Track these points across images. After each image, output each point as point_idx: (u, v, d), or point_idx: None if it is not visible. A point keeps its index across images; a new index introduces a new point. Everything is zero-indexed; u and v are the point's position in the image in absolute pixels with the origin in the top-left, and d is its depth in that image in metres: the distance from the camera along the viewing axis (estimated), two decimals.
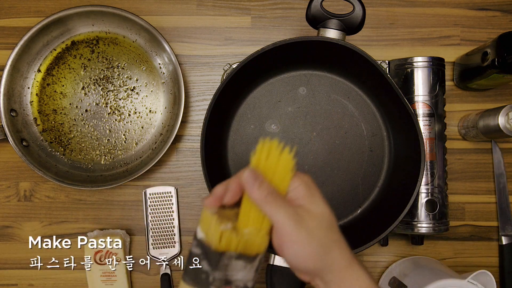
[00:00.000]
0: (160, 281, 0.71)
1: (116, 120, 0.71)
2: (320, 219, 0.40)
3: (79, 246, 0.72)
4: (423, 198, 0.65)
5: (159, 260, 0.71)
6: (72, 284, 0.72)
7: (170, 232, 0.71)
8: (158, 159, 0.66)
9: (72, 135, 0.71)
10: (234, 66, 0.61)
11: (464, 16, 0.73)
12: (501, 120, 0.63)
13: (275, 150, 0.40)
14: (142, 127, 0.71)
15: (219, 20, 0.73)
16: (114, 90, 0.71)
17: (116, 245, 0.69)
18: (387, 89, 0.59)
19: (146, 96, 0.71)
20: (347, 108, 0.65)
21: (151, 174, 0.72)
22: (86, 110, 0.71)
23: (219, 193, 0.41)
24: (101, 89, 0.71)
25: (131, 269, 0.71)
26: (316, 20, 0.59)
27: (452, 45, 0.73)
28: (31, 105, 0.71)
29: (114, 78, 0.71)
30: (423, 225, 0.64)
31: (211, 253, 0.39)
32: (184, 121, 0.73)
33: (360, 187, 0.66)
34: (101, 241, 0.69)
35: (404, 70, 0.66)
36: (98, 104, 0.71)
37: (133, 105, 0.71)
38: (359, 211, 0.65)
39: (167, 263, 0.71)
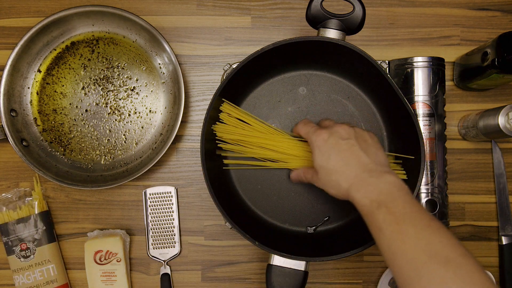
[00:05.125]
0: (160, 281, 0.71)
1: (116, 120, 0.71)
2: (318, 170, 0.53)
3: (79, 246, 0.72)
4: (423, 198, 0.65)
5: (159, 260, 0.71)
6: (72, 284, 0.72)
7: (170, 232, 0.71)
8: (158, 159, 0.66)
9: (72, 135, 0.71)
10: (234, 66, 0.61)
11: (464, 16, 0.73)
12: (501, 120, 0.63)
13: None
14: (142, 127, 0.71)
15: (219, 20, 0.73)
16: (114, 90, 0.71)
17: (116, 245, 0.69)
18: (387, 89, 0.59)
19: (146, 96, 0.71)
20: (347, 108, 0.65)
21: (151, 174, 0.72)
22: (86, 110, 0.71)
23: None
24: (101, 89, 0.71)
25: (131, 269, 0.71)
26: (316, 20, 0.59)
27: (452, 45, 0.73)
28: (31, 105, 0.71)
29: (114, 78, 0.71)
30: None
31: None
32: (184, 121, 0.73)
33: None
34: (101, 241, 0.69)
35: (404, 70, 0.66)
36: (98, 104, 0.71)
37: (133, 105, 0.71)
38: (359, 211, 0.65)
39: (167, 263, 0.71)
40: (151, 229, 0.71)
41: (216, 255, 0.72)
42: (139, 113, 0.71)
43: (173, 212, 0.71)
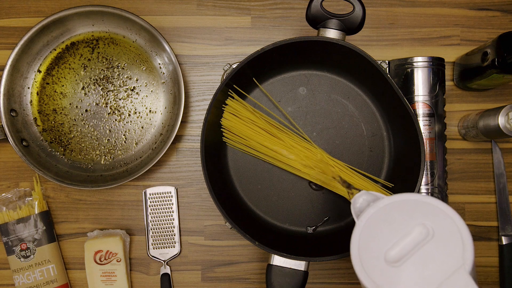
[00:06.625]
0: (160, 281, 0.71)
1: (116, 120, 0.71)
2: None
3: (79, 246, 0.72)
4: None
5: (159, 260, 0.71)
6: (72, 284, 0.72)
7: (170, 232, 0.71)
8: (158, 159, 0.66)
9: (72, 135, 0.71)
10: (234, 66, 0.61)
11: (464, 16, 0.73)
12: (501, 120, 0.63)
13: None
14: (142, 127, 0.71)
15: (219, 20, 0.73)
16: (114, 90, 0.71)
17: (116, 245, 0.69)
18: (387, 89, 0.59)
19: (146, 96, 0.71)
20: (347, 108, 0.65)
21: (151, 174, 0.72)
22: (86, 110, 0.71)
23: None
24: (101, 89, 0.71)
25: (131, 269, 0.71)
26: (316, 20, 0.59)
27: (452, 45, 0.73)
28: (31, 105, 0.71)
29: (114, 78, 0.71)
30: None
31: None
32: (184, 121, 0.73)
33: None
34: (101, 241, 0.69)
35: (404, 70, 0.66)
36: (98, 104, 0.71)
37: (133, 105, 0.71)
38: None
39: (167, 263, 0.71)
40: (151, 229, 0.71)
41: (216, 255, 0.72)
42: (139, 113, 0.71)
43: (173, 212, 0.71)
